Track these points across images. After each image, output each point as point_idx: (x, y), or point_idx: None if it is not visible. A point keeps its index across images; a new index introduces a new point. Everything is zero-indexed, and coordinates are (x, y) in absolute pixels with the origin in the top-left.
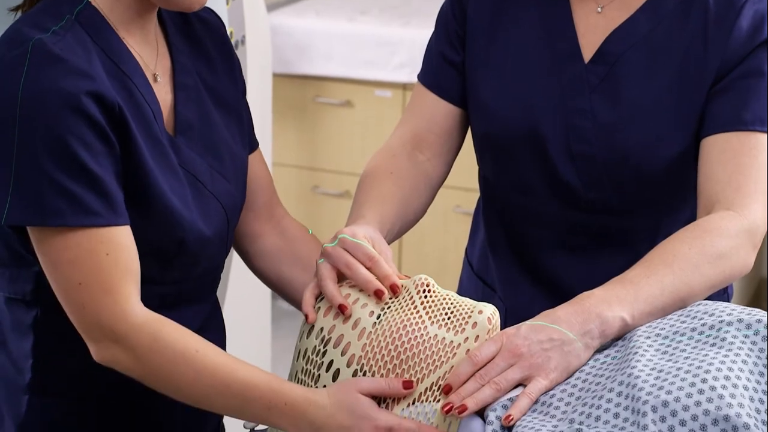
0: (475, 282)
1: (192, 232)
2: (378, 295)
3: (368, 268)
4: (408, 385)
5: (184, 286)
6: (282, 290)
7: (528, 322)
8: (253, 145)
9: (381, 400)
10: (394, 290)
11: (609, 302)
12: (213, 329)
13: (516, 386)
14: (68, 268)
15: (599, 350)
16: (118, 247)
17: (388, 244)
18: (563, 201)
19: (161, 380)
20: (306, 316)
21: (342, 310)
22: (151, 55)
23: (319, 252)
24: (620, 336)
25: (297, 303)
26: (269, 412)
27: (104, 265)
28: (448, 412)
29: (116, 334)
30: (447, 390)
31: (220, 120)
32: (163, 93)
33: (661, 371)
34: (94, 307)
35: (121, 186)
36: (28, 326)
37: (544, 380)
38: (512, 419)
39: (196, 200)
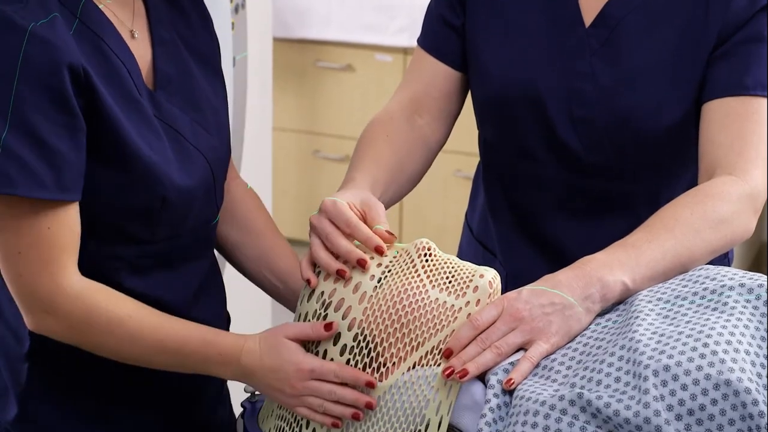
0: (475, 246)
1: (174, 187)
2: (361, 264)
3: (349, 235)
4: (328, 327)
5: (176, 243)
6: (219, 248)
7: (529, 287)
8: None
9: (376, 358)
10: (378, 252)
11: (610, 266)
12: (213, 288)
13: (517, 350)
14: (10, 236)
15: (600, 314)
16: (62, 223)
17: (385, 209)
18: (564, 165)
19: (98, 347)
20: (308, 281)
21: (341, 275)
22: (127, 13)
23: (257, 212)
24: (621, 300)
25: (234, 261)
26: (206, 364)
27: (46, 238)
28: (449, 376)
29: (51, 306)
30: (448, 354)
31: (199, 74)
32: (141, 49)
33: (662, 335)
34: (30, 278)
35: (83, 157)
36: None
37: (545, 344)
38: (513, 383)
39: (177, 154)
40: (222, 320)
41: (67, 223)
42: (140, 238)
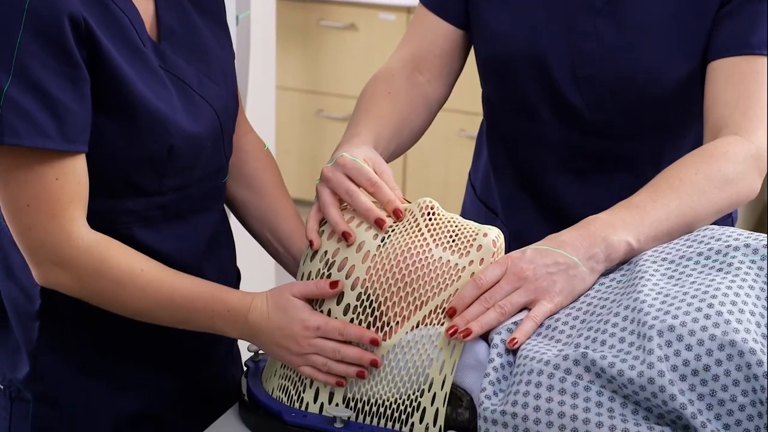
0: (478, 206)
1: (181, 135)
2: (379, 224)
3: (370, 194)
4: (333, 285)
5: (185, 195)
6: (227, 203)
7: (533, 246)
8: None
9: (380, 318)
10: (397, 215)
11: (614, 226)
12: (224, 242)
13: (521, 310)
14: (17, 189)
15: (604, 274)
16: (68, 174)
17: None
18: (567, 124)
19: (106, 300)
20: (310, 242)
21: (346, 238)
22: None
23: (267, 171)
24: (626, 260)
25: (241, 219)
26: (213, 321)
27: (53, 190)
28: (452, 335)
29: (60, 258)
30: (451, 313)
31: (203, 25)
32: (144, 2)
33: (667, 296)
34: (40, 230)
35: (88, 108)
36: None
37: (549, 304)
38: (517, 342)
39: (184, 104)
40: (232, 275)
41: (74, 174)
42: (149, 190)
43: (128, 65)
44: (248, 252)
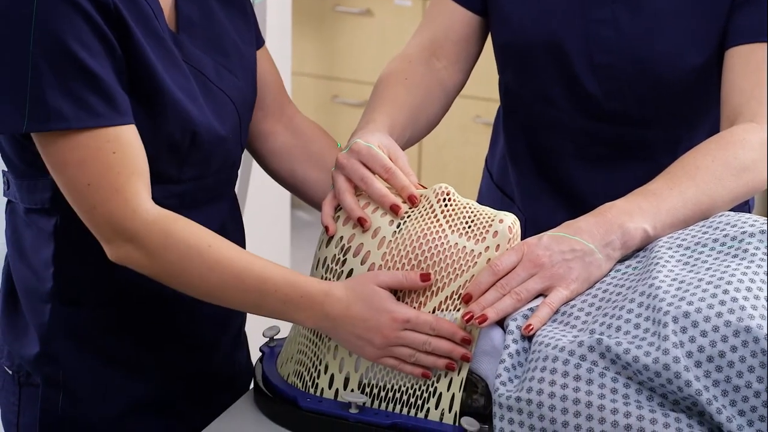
0: (495, 192)
1: (203, 126)
2: (394, 210)
3: (385, 180)
4: (425, 277)
5: (201, 184)
6: (296, 189)
7: (549, 233)
8: (259, 42)
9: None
10: (412, 201)
11: (631, 213)
12: (233, 228)
13: (537, 297)
14: (76, 170)
15: (620, 261)
16: (125, 146)
17: None
18: (584, 111)
19: (175, 276)
20: (326, 228)
21: (362, 224)
22: None
23: (332, 149)
24: (642, 248)
25: (312, 201)
26: (285, 306)
27: (112, 164)
28: (468, 321)
29: (128, 232)
30: (467, 299)
31: (223, 16)
32: None
33: (682, 282)
34: (104, 207)
35: (124, 86)
36: (48, 234)
37: (565, 290)
38: (533, 329)
39: (204, 95)
40: None
41: (131, 147)
42: (168, 178)
43: (153, 53)
44: (262, 245)
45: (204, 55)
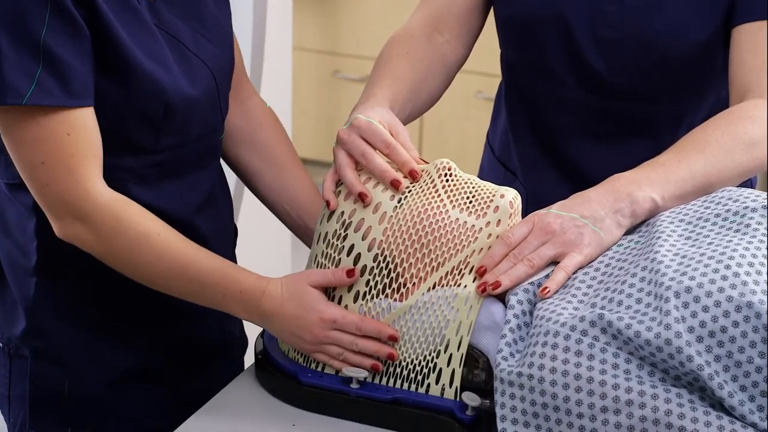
0: (497, 167)
1: (176, 94)
2: (395, 185)
3: (385, 155)
4: (350, 273)
5: (181, 153)
6: (240, 175)
7: (558, 203)
8: None
9: (396, 279)
10: (413, 176)
11: (639, 183)
12: (221, 198)
13: (549, 265)
14: (30, 148)
15: (625, 234)
16: (79, 129)
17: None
18: (587, 86)
19: (122, 261)
20: (327, 203)
21: (362, 199)
22: None
23: (279, 140)
24: (650, 217)
25: (255, 191)
26: (224, 299)
27: (66, 146)
28: (483, 291)
29: (80, 212)
30: (482, 272)
31: None
32: None
33: (684, 257)
34: (57, 186)
35: (90, 65)
36: (29, 209)
37: (579, 255)
38: (549, 292)
39: (179, 63)
40: (229, 232)
41: (85, 129)
42: (146, 148)
43: (123, 24)
44: (266, 227)
45: (181, 23)
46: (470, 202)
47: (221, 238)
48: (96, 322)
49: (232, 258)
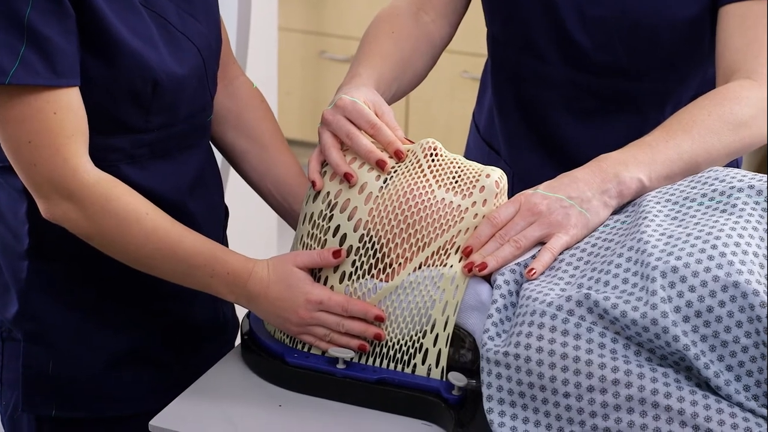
0: (482, 145)
1: (164, 72)
2: (380, 165)
3: (370, 135)
4: (337, 254)
5: (171, 132)
6: (226, 155)
7: (545, 183)
8: None
9: (382, 259)
10: (398, 156)
11: (626, 163)
12: (210, 178)
13: (536, 246)
14: (16, 127)
15: (612, 214)
16: (65, 108)
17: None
18: (572, 64)
19: (109, 241)
20: (312, 183)
21: (348, 179)
22: None
23: (265, 120)
24: (637, 198)
25: (240, 171)
26: (211, 280)
27: (52, 125)
28: (470, 271)
29: (68, 191)
30: (468, 252)
31: None
32: None
33: (670, 237)
34: (44, 165)
35: (76, 45)
36: (20, 191)
37: (565, 236)
38: (535, 273)
39: (166, 41)
40: (220, 212)
41: (71, 108)
42: (135, 127)
43: (108, 3)
44: (252, 208)
45: (166, 1)
46: (456, 182)
47: (212, 218)
48: (89, 305)
49: (223, 238)
